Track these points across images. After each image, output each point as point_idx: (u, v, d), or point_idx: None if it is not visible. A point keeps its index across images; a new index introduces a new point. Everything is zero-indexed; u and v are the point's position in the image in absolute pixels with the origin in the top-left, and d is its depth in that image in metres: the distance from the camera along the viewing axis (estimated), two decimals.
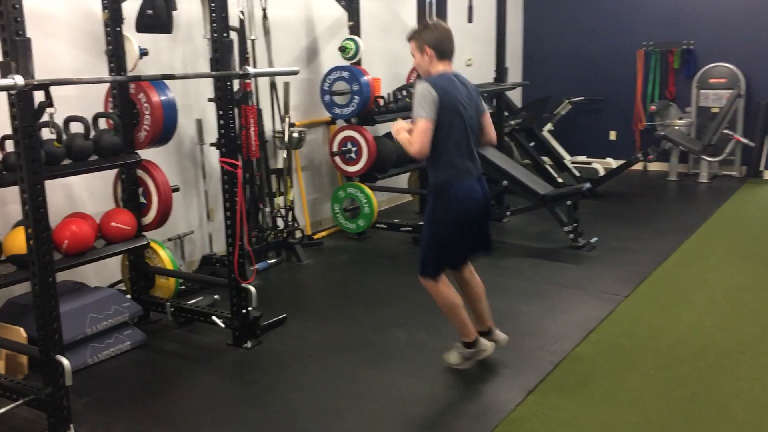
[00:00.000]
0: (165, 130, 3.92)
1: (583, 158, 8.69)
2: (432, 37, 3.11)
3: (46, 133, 3.10)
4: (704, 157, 7.84)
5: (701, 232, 5.89)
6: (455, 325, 3.35)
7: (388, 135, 5.77)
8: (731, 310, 4.16)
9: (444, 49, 3.12)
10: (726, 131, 7.81)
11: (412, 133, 3.02)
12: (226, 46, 3.64)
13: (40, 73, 2.80)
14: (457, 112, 3.08)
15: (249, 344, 3.79)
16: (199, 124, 4.89)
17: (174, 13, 4.13)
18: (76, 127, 3.55)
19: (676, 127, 8.11)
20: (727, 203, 6.90)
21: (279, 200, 5.42)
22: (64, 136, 3.45)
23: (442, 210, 3.17)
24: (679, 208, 7.03)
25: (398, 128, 3.14)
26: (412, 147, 3.02)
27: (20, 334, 3.41)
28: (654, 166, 8.75)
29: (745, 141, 7.84)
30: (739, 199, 7.09)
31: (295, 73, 4.06)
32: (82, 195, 4.31)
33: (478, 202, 3.21)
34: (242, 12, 4.94)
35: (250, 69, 3.78)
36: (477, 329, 3.42)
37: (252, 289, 3.79)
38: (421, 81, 3.06)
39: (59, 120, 3.24)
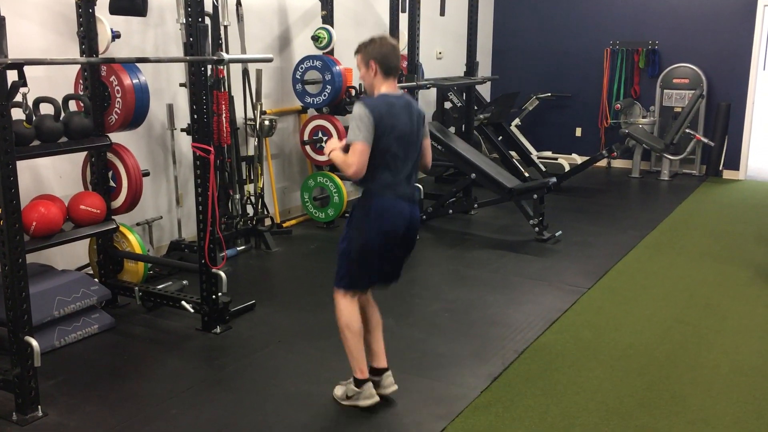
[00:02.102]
0: (136, 114, 3.90)
1: (549, 153, 8.85)
2: (378, 51, 2.96)
3: (15, 114, 3.07)
4: (666, 156, 8.04)
5: (661, 228, 6.06)
6: (349, 355, 3.07)
7: None
8: (688, 304, 4.30)
9: (389, 65, 2.97)
10: (688, 131, 8.02)
11: (349, 155, 2.88)
12: (201, 31, 3.64)
13: (12, 53, 2.78)
14: (393, 137, 2.90)
15: (218, 329, 3.81)
16: (170, 109, 4.86)
17: None
18: (46, 109, 3.52)
19: (640, 126, 8.30)
20: (686, 201, 7.10)
21: (249, 187, 5.42)
22: (34, 117, 3.42)
23: (364, 218, 2.99)
24: (640, 204, 7.21)
25: (331, 147, 3.03)
26: (349, 169, 2.86)
27: None
28: (618, 163, 8.94)
29: (706, 141, 8.05)
30: (698, 197, 7.29)
31: (269, 60, 4.08)
32: (50, 177, 4.27)
33: (404, 220, 3.00)
34: None
35: (225, 55, 3.78)
36: (371, 364, 3.14)
37: (222, 274, 3.81)
38: (359, 103, 2.91)
39: (29, 101, 3.21)
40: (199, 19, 3.62)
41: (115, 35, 3.97)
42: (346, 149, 2.93)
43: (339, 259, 3.09)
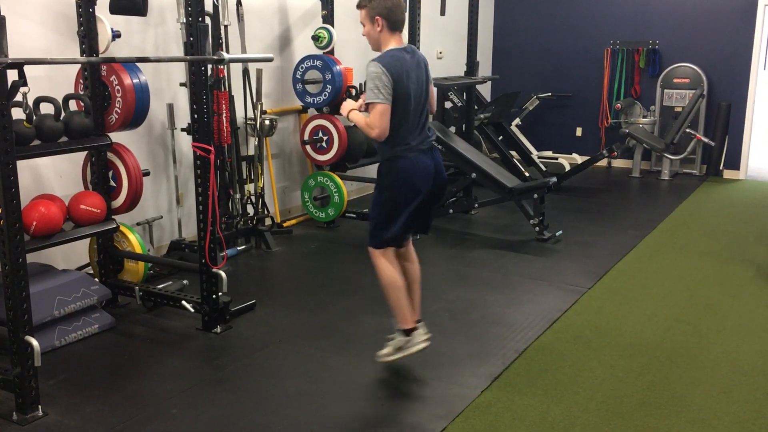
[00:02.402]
0: (136, 113, 3.90)
1: (549, 153, 8.85)
2: (383, 6, 2.98)
3: (15, 114, 3.07)
4: (666, 155, 8.04)
5: (662, 227, 6.06)
6: (393, 308, 3.25)
7: None
8: (689, 303, 4.30)
9: (395, 19, 3.01)
10: (688, 130, 8.02)
11: (372, 117, 2.96)
12: (202, 30, 3.64)
13: (12, 53, 2.78)
14: (409, 93, 3.02)
15: (218, 329, 3.81)
16: (171, 108, 4.86)
17: None
18: (46, 108, 3.52)
19: (640, 125, 8.29)
20: (687, 200, 7.09)
21: (249, 187, 5.42)
22: (34, 117, 3.42)
23: (391, 180, 3.13)
24: (641, 204, 7.20)
25: (349, 108, 3.10)
26: (373, 131, 2.96)
27: None
28: (618, 163, 8.94)
29: (706, 140, 8.05)
30: (698, 197, 7.29)
31: (269, 60, 4.08)
32: (51, 177, 4.27)
33: (428, 173, 3.15)
34: None
35: (225, 54, 3.78)
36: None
37: (222, 274, 3.81)
38: (374, 62, 2.96)
39: (29, 101, 3.21)
40: (200, 19, 3.62)
41: (116, 35, 3.97)
42: (365, 109, 3.01)
43: (371, 221, 3.21)
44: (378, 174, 3.20)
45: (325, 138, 5.78)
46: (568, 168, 8.03)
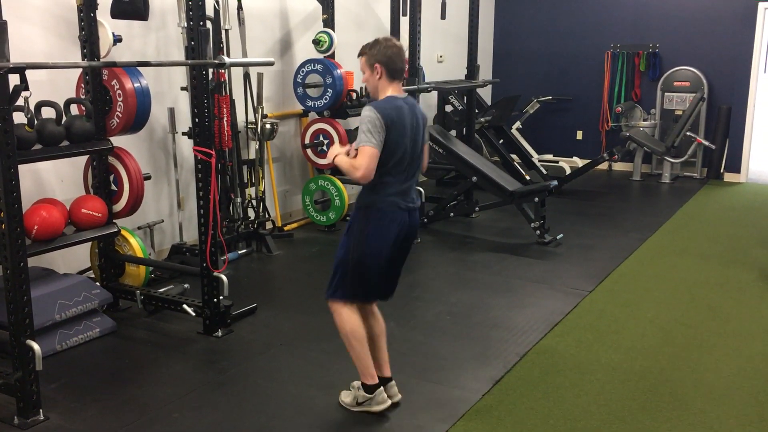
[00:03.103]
0: (138, 117, 3.91)
1: (550, 157, 8.85)
2: (383, 54, 2.87)
3: (17, 118, 3.07)
4: (667, 158, 8.05)
5: (663, 230, 6.06)
6: (355, 361, 3.02)
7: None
8: (690, 306, 4.30)
9: (395, 68, 2.91)
10: (689, 133, 8.02)
11: (359, 158, 2.80)
12: (203, 34, 3.64)
13: (14, 57, 2.78)
14: (402, 142, 2.86)
15: (219, 333, 3.81)
16: (172, 112, 4.87)
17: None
18: (48, 113, 3.52)
19: (641, 129, 8.30)
20: (688, 203, 7.09)
21: (250, 191, 5.42)
22: (36, 121, 3.42)
23: (364, 227, 2.92)
24: (641, 207, 7.20)
25: (335, 153, 2.93)
26: (358, 171, 2.77)
27: None
28: (618, 166, 8.94)
29: (707, 143, 8.05)
30: (699, 200, 7.29)
31: (270, 63, 4.08)
32: (52, 181, 4.28)
33: (402, 227, 2.94)
34: (217, 1, 4.93)
35: (226, 58, 3.79)
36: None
37: (223, 278, 3.81)
38: (370, 107, 2.82)
39: (30, 105, 3.21)
40: (201, 23, 3.63)
41: (117, 39, 3.98)
42: (354, 156, 2.85)
43: (334, 268, 2.99)
44: (349, 224, 3.00)
45: (326, 141, 5.78)
46: (568, 171, 8.03)
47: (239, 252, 5.21)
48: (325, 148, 5.79)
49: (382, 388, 3.03)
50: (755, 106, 8.21)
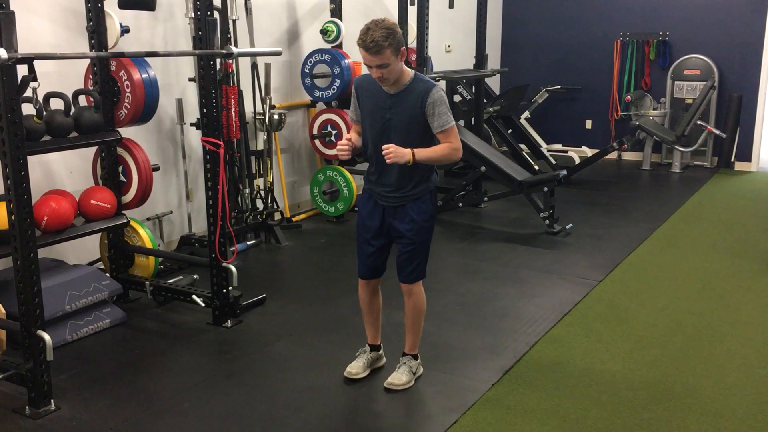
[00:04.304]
0: (146, 108, 3.90)
1: (559, 146, 8.81)
2: (400, 34, 2.84)
3: (26, 109, 3.07)
4: (677, 148, 7.99)
5: (673, 220, 6.02)
6: (418, 334, 3.21)
7: None
8: (701, 296, 4.27)
9: None
10: (699, 122, 7.96)
11: (452, 139, 2.87)
12: (210, 24, 3.63)
13: (21, 48, 2.78)
14: None
15: (229, 323, 3.82)
16: (180, 103, 4.87)
17: None
18: (56, 104, 3.53)
19: (651, 118, 8.24)
20: (698, 193, 7.05)
21: (258, 182, 5.42)
22: (44, 113, 3.42)
23: (431, 203, 3.06)
24: (651, 196, 7.16)
25: (404, 153, 2.81)
26: (459, 152, 2.90)
27: None
28: (628, 156, 8.89)
29: (718, 132, 7.99)
30: (710, 189, 7.24)
31: (278, 53, 4.06)
32: (61, 172, 4.28)
33: None
34: None
35: (234, 49, 3.77)
36: (375, 341, 3.33)
37: (233, 268, 3.81)
38: (437, 86, 2.86)
39: (39, 96, 3.21)
40: (208, 13, 3.62)
41: (124, 30, 3.98)
42: (415, 142, 2.87)
43: (417, 252, 3.05)
44: (420, 204, 3.00)
45: (334, 132, 5.77)
46: (578, 161, 7.99)
47: (248, 243, 5.22)
48: (333, 138, 5.77)
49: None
50: (766, 95, 8.12)
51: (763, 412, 2.93)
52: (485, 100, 7.31)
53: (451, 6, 6.76)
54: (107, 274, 4.07)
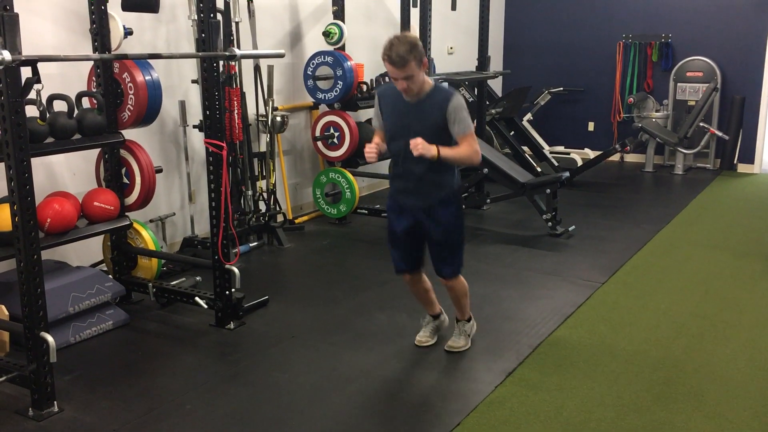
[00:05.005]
0: (149, 110, 3.90)
1: (561, 148, 8.80)
2: (420, 45, 2.97)
3: (29, 111, 3.07)
4: (680, 150, 7.98)
5: (676, 222, 6.01)
6: (467, 304, 3.55)
7: (370, 121, 5.79)
8: (704, 298, 4.27)
9: None
10: (702, 124, 7.95)
11: (471, 142, 3.07)
12: (213, 27, 3.63)
13: (25, 50, 2.79)
14: None
15: (231, 325, 3.82)
16: (182, 105, 4.87)
17: None
18: (60, 106, 3.53)
19: (653, 120, 8.23)
20: (701, 195, 7.04)
21: (261, 184, 5.42)
22: (48, 114, 3.43)
23: (460, 200, 3.29)
24: (654, 198, 7.15)
25: (432, 148, 2.99)
26: (478, 155, 3.10)
27: (2, 311, 3.40)
28: (631, 157, 8.88)
29: (720, 134, 7.98)
30: (712, 191, 7.23)
31: (280, 56, 4.07)
32: (64, 174, 4.29)
33: None
34: None
35: (237, 51, 3.78)
36: (434, 311, 3.66)
37: (235, 270, 3.81)
38: (457, 93, 3.06)
39: (42, 98, 3.22)
40: (211, 15, 3.62)
41: (128, 32, 3.98)
42: (434, 142, 3.01)
43: (455, 248, 3.31)
44: (449, 206, 3.23)
45: (336, 134, 5.77)
46: (580, 163, 7.98)
47: (250, 245, 5.22)
48: (335, 140, 5.78)
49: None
50: None
51: (766, 413, 2.92)
52: (488, 102, 7.31)
53: (453, 8, 6.76)
54: (110, 276, 4.08)
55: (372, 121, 3.41)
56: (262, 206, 5.45)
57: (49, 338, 2.91)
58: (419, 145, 2.96)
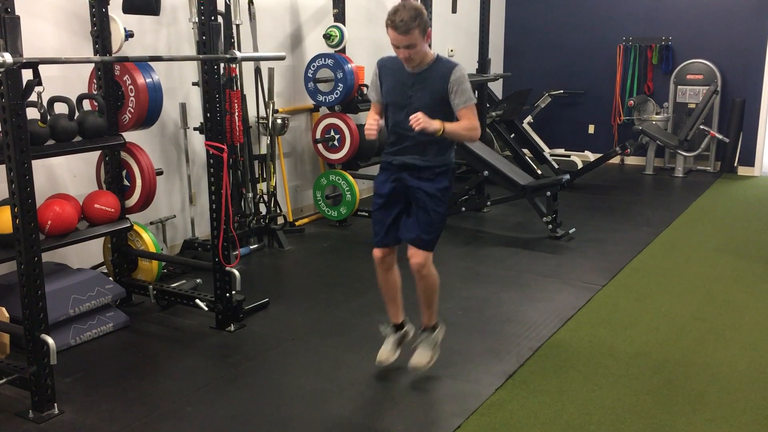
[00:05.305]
0: (150, 113, 3.91)
1: (561, 151, 8.79)
2: (425, 14, 2.89)
3: (30, 113, 3.08)
4: (680, 152, 7.98)
5: (676, 224, 6.01)
6: (435, 305, 3.27)
7: None
8: (704, 300, 4.27)
9: None
10: (702, 127, 7.96)
11: (471, 117, 2.95)
12: (214, 29, 3.64)
13: (26, 53, 2.79)
14: None
15: (232, 327, 3.82)
16: (183, 108, 4.88)
17: None
18: (60, 108, 3.54)
19: (654, 122, 8.24)
20: (701, 197, 7.04)
21: (262, 186, 5.43)
22: (49, 117, 3.43)
23: (450, 185, 3.13)
24: (654, 201, 7.15)
25: (434, 123, 2.88)
26: (477, 130, 2.99)
27: (2, 313, 3.40)
28: (631, 160, 8.88)
29: (721, 137, 7.99)
30: (713, 194, 7.23)
31: (281, 58, 4.07)
32: (65, 176, 4.29)
33: None
34: None
35: (237, 53, 3.78)
36: (400, 319, 3.41)
37: (236, 272, 3.81)
38: (458, 65, 2.96)
39: (43, 100, 3.22)
40: (212, 18, 3.63)
41: (129, 34, 3.98)
42: (437, 117, 2.92)
43: (434, 226, 3.07)
44: (437, 180, 3.07)
45: (336, 136, 5.77)
46: (580, 165, 7.99)
47: (251, 247, 5.22)
48: (336, 143, 5.78)
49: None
50: None
51: (767, 417, 2.92)
52: (488, 105, 7.31)
53: (453, 11, 6.77)
54: (111, 278, 4.08)
55: (369, 94, 3.25)
56: (263, 208, 5.45)
57: (50, 340, 2.90)
58: (420, 120, 2.84)
